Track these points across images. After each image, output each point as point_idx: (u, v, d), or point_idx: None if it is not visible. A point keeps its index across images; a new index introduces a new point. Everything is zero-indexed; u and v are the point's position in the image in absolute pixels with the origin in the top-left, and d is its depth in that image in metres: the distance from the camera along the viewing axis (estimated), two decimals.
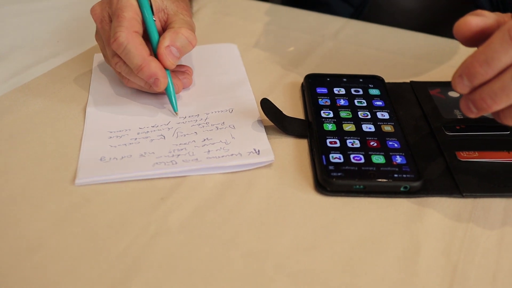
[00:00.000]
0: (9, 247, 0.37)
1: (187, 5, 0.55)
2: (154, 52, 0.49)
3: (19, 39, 0.64)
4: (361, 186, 0.41)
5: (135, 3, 0.49)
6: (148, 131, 0.48)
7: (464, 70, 0.37)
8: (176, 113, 0.50)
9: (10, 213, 0.39)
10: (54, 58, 0.60)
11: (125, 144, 0.46)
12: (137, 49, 0.47)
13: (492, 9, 0.72)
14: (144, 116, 0.50)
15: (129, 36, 0.47)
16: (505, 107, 0.37)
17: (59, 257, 0.36)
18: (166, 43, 0.48)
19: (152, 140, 0.47)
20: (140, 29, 0.49)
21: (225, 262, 0.36)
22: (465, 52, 0.40)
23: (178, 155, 0.45)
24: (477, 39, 0.39)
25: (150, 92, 0.52)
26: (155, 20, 0.50)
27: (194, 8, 0.72)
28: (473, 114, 0.38)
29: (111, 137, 0.47)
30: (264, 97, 0.48)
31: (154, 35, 0.49)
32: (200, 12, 0.72)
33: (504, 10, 0.70)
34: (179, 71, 0.53)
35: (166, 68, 0.49)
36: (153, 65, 0.47)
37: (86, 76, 0.56)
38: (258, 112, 0.50)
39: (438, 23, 0.43)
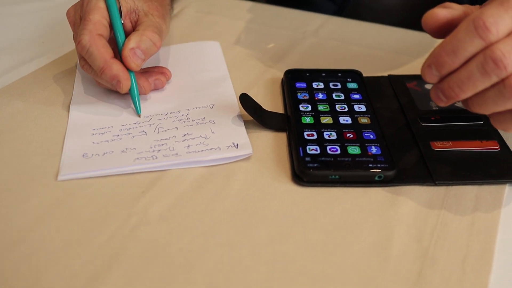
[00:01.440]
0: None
1: (161, 6, 0.56)
2: (120, 54, 0.50)
3: (3, 41, 0.65)
4: (337, 176, 0.42)
5: (103, 6, 0.50)
6: (130, 128, 0.49)
7: (432, 60, 0.38)
8: (139, 115, 0.51)
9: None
10: (39, 58, 0.60)
11: (107, 141, 0.47)
12: (99, 52, 0.48)
13: (471, 2, 0.73)
14: (126, 114, 0.51)
15: (91, 39, 0.48)
16: (472, 95, 0.38)
17: (42, 249, 0.37)
18: (130, 45, 0.49)
19: (134, 136, 0.48)
20: (105, 31, 0.50)
21: (203, 252, 0.37)
22: None
23: (159, 150, 0.46)
24: (445, 30, 0.40)
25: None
26: (123, 23, 0.51)
27: (178, 8, 0.73)
28: (442, 103, 0.40)
29: (93, 134, 0.48)
30: (245, 92, 0.49)
31: (121, 38, 0.50)
32: (184, 11, 0.73)
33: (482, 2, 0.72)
34: (152, 71, 0.54)
35: (131, 70, 0.50)
36: (115, 68, 0.48)
37: (71, 76, 0.57)
38: (238, 107, 0.51)
39: (419, 18, 0.44)
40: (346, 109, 0.50)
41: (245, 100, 0.48)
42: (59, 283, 0.35)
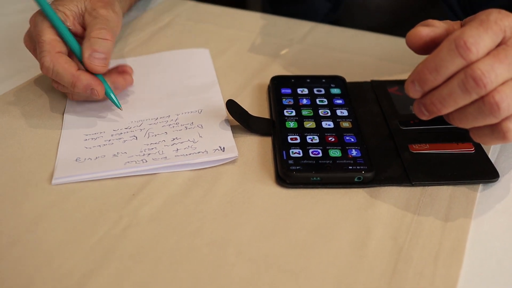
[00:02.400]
0: None
1: None
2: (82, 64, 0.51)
3: None
4: (318, 178, 0.45)
5: (49, 24, 0.50)
6: (121, 133, 0.51)
7: (416, 76, 0.40)
8: (121, 109, 0.53)
9: None
10: (34, 68, 0.62)
11: (100, 146, 0.49)
12: (64, 69, 0.49)
13: (460, 8, 0.76)
14: (117, 119, 0.53)
15: (53, 59, 0.49)
16: (453, 111, 0.40)
17: (37, 250, 0.39)
18: (86, 53, 0.50)
19: (125, 141, 0.50)
20: (62, 47, 0.51)
21: (191, 251, 0.39)
22: None
23: (149, 154, 0.48)
24: (428, 47, 0.42)
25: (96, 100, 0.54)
26: (74, 30, 0.52)
27: (169, 17, 0.75)
28: (425, 117, 0.42)
29: (86, 139, 0.50)
30: (232, 98, 0.51)
31: (75, 47, 0.51)
32: (175, 20, 0.75)
33: (471, 9, 0.74)
34: (119, 70, 0.55)
35: (99, 74, 0.51)
36: (84, 78, 0.50)
37: None
38: (225, 112, 0.53)
39: (411, 18, 0.46)
40: (329, 114, 0.52)
41: (232, 106, 0.50)
42: (53, 282, 0.37)
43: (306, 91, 0.56)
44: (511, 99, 0.37)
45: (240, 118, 0.50)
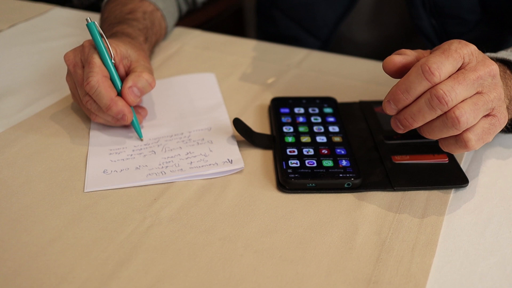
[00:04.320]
0: (34, 239, 0.47)
1: (146, 54, 0.67)
2: (118, 93, 0.59)
3: (28, 75, 0.75)
4: (313, 184, 0.52)
5: (97, 54, 0.58)
6: (141, 148, 0.59)
7: (391, 96, 0.48)
8: (142, 139, 0.60)
9: (34, 213, 0.50)
10: (61, 90, 0.70)
11: (123, 159, 0.57)
12: (106, 91, 0.57)
13: (437, 37, 0.84)
14: (136, 137, 0.61)
15: (99, 80, 0.57)
16: (423, 124, 0.48)
17: (76, 244, 0.46)
18: (129, 84, 0.58)
19: (145, 155, 0.57)
20: (107, 74, 0.58)
21: (205, 244, 0.46)
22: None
23: (167, 166, 0.55)
24: (401, 72, 0.49)
25: (116, 125, 0.61)
26: (117, 67, 0.60)
27: (178, 45, 0.84)
28: (400, 130, 0.49)
29: (111, 154, 0.58)
30: (236, 117, 0.59)
31: (115, 78, 0.59)
32: (183, 48, 0.83)
33: (447, 38, 0.82)
34: (138, 106, 0.63)
35: (130, 105, 0.59)
36: (120, 104, 0.57)
37: None
38: (231, 129, 0.61)
39: (391, 49, 0.54)
40: (322, 130, 0.60)
41: (238, 124, 0.58)
42: (91, 270, 0.44)
43: (302, 110, 0.64)
44: (469, 113, 0.45)
45: (245, 134, 0.58)
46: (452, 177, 0.54)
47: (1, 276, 0.43)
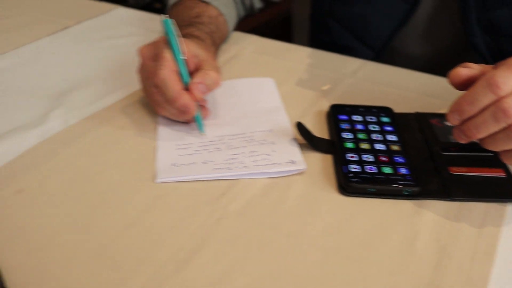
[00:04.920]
0: (112, 224, 0.50)
1: (214, 55, 0.70)
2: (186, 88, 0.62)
3: (97, 70, 0.79)
4: (374, 190, 0.54)
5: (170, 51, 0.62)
6: (206, 145, 0.62)
7: (455, 107, 0.50)
8: (203, 134, 0.63)
9: (110, 199, 0.53)
10: (128, 86, 0.74)
11: (190, 154, 0.60)
12: (173, 84, 0.60)
13: (490, 54, 0.85)
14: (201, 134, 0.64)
15: (168, 73, 0.60)
16: (486, 136, 0.50)
17: (150, 231, 0.49)
18: (196, 80, 0.61)
19: (210, 151, 0.60)
20: (176, 69, 0.62)
21: (272, 241, 0.49)
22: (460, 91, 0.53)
23: (232, 162, 0.58)
24: (465, 85, 0.52)
25: (179, 120, 0.65)
26: (186, 60, 0.63)
27: (236, 49, 0.87)
28: (463, 140, 0.51)
29: (178, 149, 0.61)
30: (300, 121, 0.61)
31: (184, 72, 0.62)
32: (242, 52, 0.86)
33: (500, 56, 0.83)
34: (202, 106, 0.66)
35: (195, 100, 0.61)
36: (185, 97, 0.60)
37: None
38: (292, 132, 0.64)
39: (444, 63, 0.56)
40: (381, 138, 0.62)
41: (300, 127, 0.60)
42: (166, 256, 0.47)
43: (360, 118, 0.66)
44: None
45: (307, 138, 0.60)
46: (509, 191, 0.55)
47: (84, 256, 0.47)
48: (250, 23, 1.39)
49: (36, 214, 0.51)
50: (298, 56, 0.85)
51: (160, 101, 0.63)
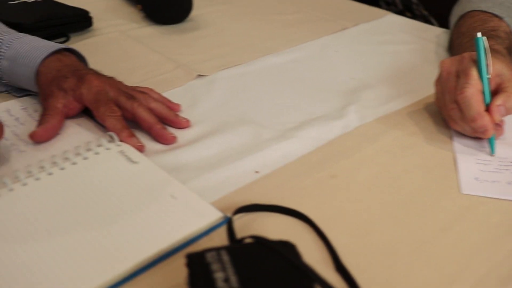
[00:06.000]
0: (427, 224, 0.52)
1: None
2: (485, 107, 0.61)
3: (379, 73, 0.82)
4: None
5: (476, 69, 0.61)
6: (507, 165, 0.61)
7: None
8: (493, 155, 0.62)
9: (417, 200, 0.55)
10: (413, 92, 0.75)
11: (492, 172, 0.59)
12: (476, 104, 0.60)
13: None
14: (501, 151, 0.63)
15: (473, 93, 0.60)
16: None
17: (464, 240, 0.50)
18: (498, 102, 0.61)
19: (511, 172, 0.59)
20: (482, 89, 0.61)
21: None
22: None
23: None
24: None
25: (471, 136, 0.64)
26: (489, 79, 0.62)
27: None
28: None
29: (478, 163, 0.61)
30: None
31: (487, 93, 0.61)
32: None
33: None
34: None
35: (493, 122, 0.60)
36: (486, 119, 0.60)
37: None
38: None
39: None
40: None
41: None
42: (485, 268, 0.47)
43: None
44: None
45: None
46: None
47: (405, 248, 0.49)
48: None
49: (352, 199, 0.56)
50: None
51: (456, 117, 0.63)
